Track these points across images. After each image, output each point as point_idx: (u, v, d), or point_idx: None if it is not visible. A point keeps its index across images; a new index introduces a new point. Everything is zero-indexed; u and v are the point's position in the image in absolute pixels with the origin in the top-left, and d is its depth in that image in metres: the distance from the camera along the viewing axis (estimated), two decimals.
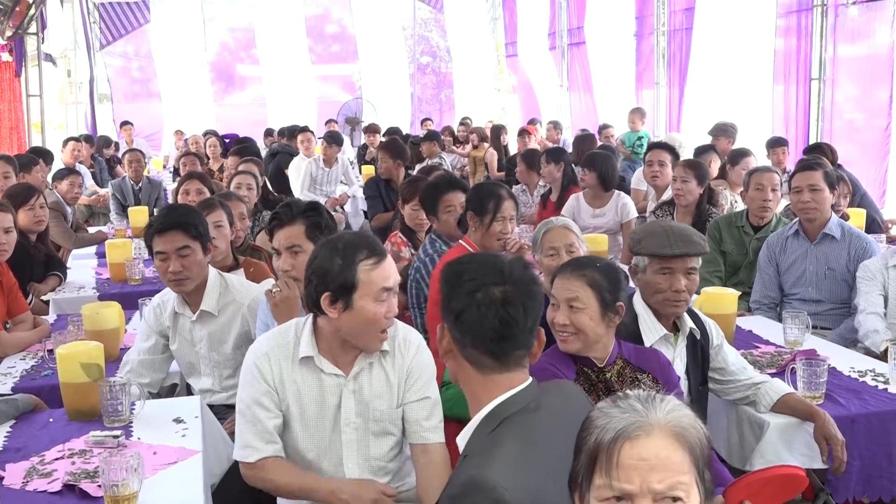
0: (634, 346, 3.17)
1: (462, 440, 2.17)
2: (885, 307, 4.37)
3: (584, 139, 10.47)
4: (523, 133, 12.05)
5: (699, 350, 3.42)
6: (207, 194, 5.85)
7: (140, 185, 9.37)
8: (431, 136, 12.01)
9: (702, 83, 12.36)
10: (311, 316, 2.90)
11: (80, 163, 11.40)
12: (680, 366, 3.37)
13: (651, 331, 3.35)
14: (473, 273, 2.14)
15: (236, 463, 3.26)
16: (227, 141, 12.10)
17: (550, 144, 11.74)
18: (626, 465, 1.60)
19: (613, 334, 3.03)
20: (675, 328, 3.40)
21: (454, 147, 13.76)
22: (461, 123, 15.58)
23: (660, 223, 3.44)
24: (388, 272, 2.80)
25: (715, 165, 7.59)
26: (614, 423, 1.64)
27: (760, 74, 11.20)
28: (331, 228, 3.54)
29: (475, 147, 12.50)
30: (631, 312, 3.39)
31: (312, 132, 11.78)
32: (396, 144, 9.10)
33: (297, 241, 3.54)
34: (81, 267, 6.46)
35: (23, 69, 13.07)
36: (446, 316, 2.16)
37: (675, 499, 1.60)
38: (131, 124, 16.20)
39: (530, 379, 2.19)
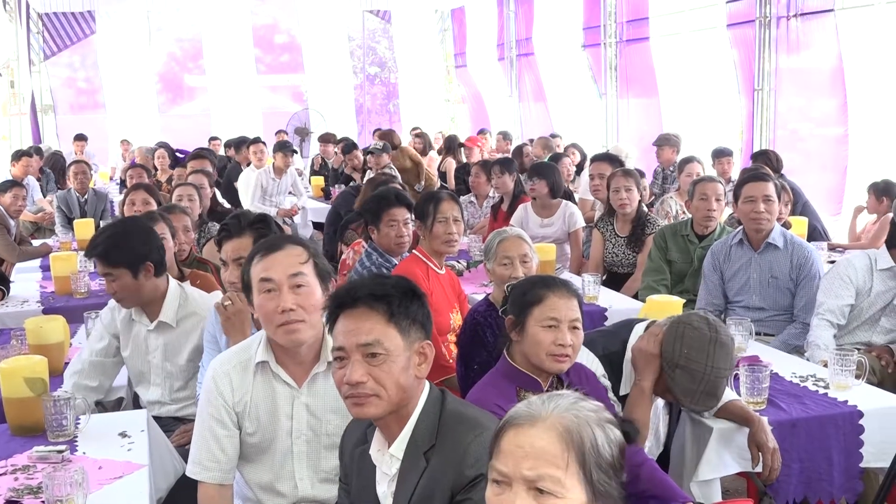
0: None
1: (399, 448, 2.30)
2: (853, 311, 4.43)
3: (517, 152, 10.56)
4: (463, 146, 11.71)
5: None
6: (154, 205, 5.79)
7: (86, 196, 9.25)
8: (385, 148, 12.01)
9: (665, 94, 12.51)
10: None
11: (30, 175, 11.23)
12: None
13: None
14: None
15: (183, 477, 3.23)
16: (180, 156, 11.93)
17: (499, 155, 11.75)
18: (504, 449, 1.77)
19: None
20: None
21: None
22: (417, 136, 15.39)
23: (710, 355, 3.11)
24: (267, 265, 2.80)
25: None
26: (511, 413, 1.81)
27: (716, 85, 11.36)
28: None
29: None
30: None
31: (264, 143, 11.71)
32: None
33: (244, 254, 3.45)
34: (25, 280, 6.36)
35: None
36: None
37: (542, 490, 1.71)
38: (85, 140, 15.71)
39: None
